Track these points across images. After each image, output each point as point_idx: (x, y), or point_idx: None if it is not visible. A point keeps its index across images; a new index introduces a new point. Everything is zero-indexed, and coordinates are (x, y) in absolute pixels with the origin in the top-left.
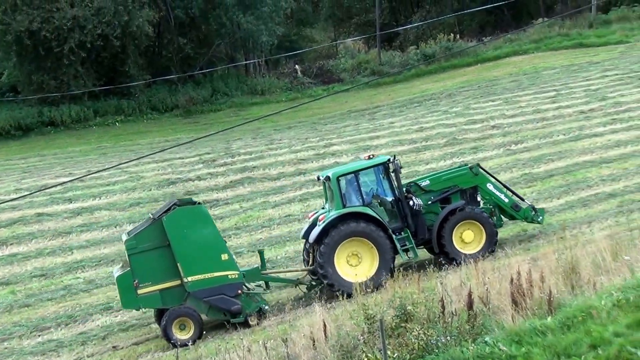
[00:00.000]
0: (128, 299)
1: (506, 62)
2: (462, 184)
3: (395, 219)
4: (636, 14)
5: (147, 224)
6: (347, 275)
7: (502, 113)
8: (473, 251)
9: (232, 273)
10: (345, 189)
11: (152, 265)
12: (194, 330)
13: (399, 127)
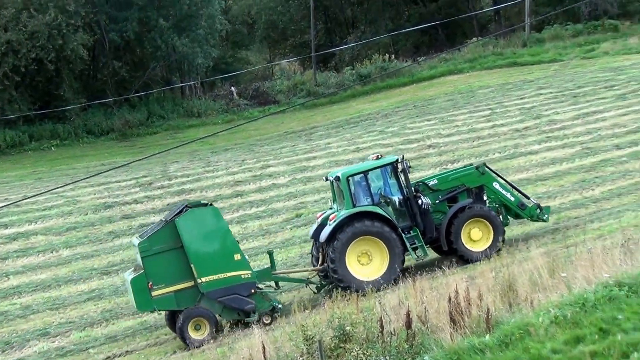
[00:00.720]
0: (142, 301)
1: (441, 82)
2: (469, 183)
3: (403, 218)
4: (569, 32)
5: (159, 227)
6: (359, 273)
7: (438, 132)
8: (481, 249)
9: (245, 273)
10: (354, 188)
11: (166, 267)
12: (209, 330)
13: (336, 148)
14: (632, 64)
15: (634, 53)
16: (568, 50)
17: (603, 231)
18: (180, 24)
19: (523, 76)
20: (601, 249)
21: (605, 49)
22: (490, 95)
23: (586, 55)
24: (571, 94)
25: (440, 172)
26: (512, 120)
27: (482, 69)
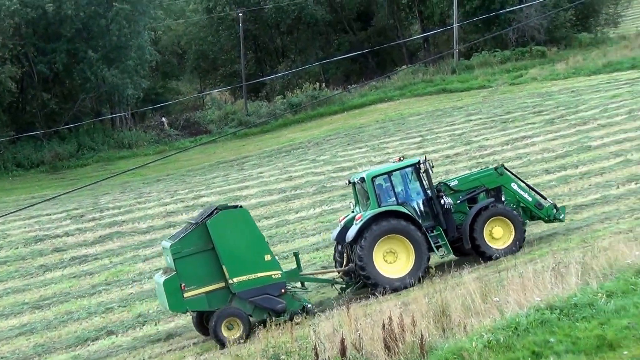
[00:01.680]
0: (175, 302)
1: (372, 109)
2: (488, 183)
3: (426, 218)
4: (497, 59)
5: (190, 229)
6: (385, 271)
7: (370, 160)
8: (502, 247)
9: (276, 273)
10: (379, 189)
11: (197, 268)
12: (243, 329)
13: (268, 177)
14: (560, 89)
15: (561, 79)
16: (497, 76)
17: (534, 255)
18: (109, 55)
19: (453, 103)
20: (532, 272)
21: (533, 75)
22: (420, 122)
23: (514, 81)
24: (500, 120)
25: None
26: (442, 147)
27: (412, 96)
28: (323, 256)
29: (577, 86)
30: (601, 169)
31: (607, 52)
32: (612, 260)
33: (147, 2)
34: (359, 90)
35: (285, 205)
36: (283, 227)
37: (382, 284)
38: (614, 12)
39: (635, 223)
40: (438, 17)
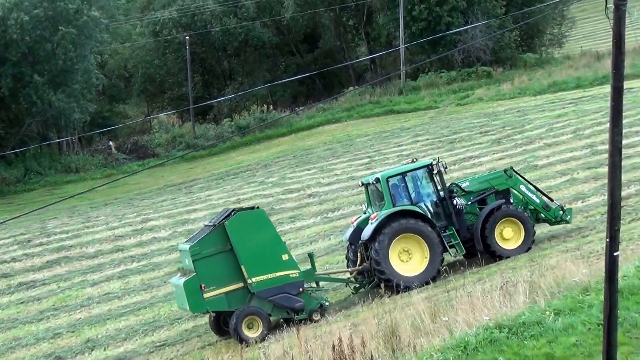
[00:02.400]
0: (196, 302)
1: (320, 131)
2: (498, 185)
3: (439, 218)
4: (443, 80)
5: (207, 231)
6: (401, 270)
7: (318, 181)
8: (512, 247)
9: (293, 272)
10: (394, 189)
11: (216, 269)
12: (263, 328)
13: (217, 200)
14: (506, 109)
15: (507, 99)
16: (443, 97)
17: (482, 274)
18: (55, 80)
19: (400, 123)
20: (481, 292)
21: (479, 95)
22: (368, 143)
23: (461, 101)
24: (447, 140)
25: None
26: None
27: (359, 117)
28: None
29: (523, 106)
30: (547, 187)
31: (552, 72)
32: (560, 278)
33: (93, 26)
34: (307, 112)
35: None
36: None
37: (398, 281)
38: (558, 33)
39: (582, 241)
40: (385, 39)
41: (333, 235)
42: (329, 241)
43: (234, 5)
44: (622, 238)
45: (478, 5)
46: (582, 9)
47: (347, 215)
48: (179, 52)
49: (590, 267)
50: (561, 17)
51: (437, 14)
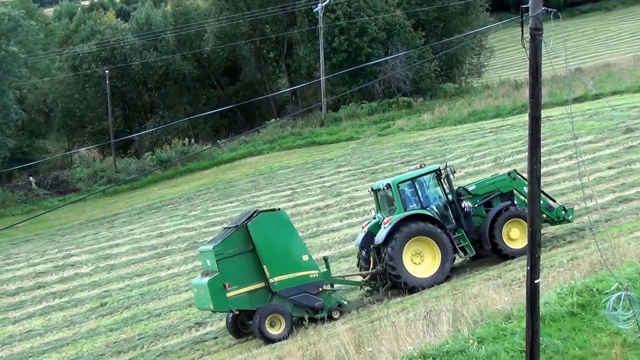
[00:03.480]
0: (219, 301)
1: (242, 164)
2: (503, 188)
3: (448, 221)
4: (364, 111)
5: (230, 232)
6: (414, 272)
7: None
8: (519, 247)
9: (313, 272)
10: (404, 194)
11: (238, 269)
12: (285, 326)
13: (139, 234)
14: (427, 139)
15: (427, 129)
16: (365, 127)
17: (406, 304)
18: None
19: (322, 155)
20: (405, 321)
21: (400, 126)
22: (290, 175)
23: (382, 132)
24: (369, 171)
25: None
26: (313, 199)
27: (281, 149)
28: (196, 312)
29: (444, 135)
30: None
31: (471, 102)
32: (482, 306)
33: (11, 61)
34: (229, 145)
35: (157, 262)
36: (155, 285)
37: (412, 283)
38: (477, 63)
39: (503, 269)
40: (305, 71)
41: None
42: None
43: (154, 38)
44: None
45: (397, 37)
46: (500, 39)
47: None
48: (99, 86)
49: (512, 294)
50: (480, 47)
51: (357, 45)
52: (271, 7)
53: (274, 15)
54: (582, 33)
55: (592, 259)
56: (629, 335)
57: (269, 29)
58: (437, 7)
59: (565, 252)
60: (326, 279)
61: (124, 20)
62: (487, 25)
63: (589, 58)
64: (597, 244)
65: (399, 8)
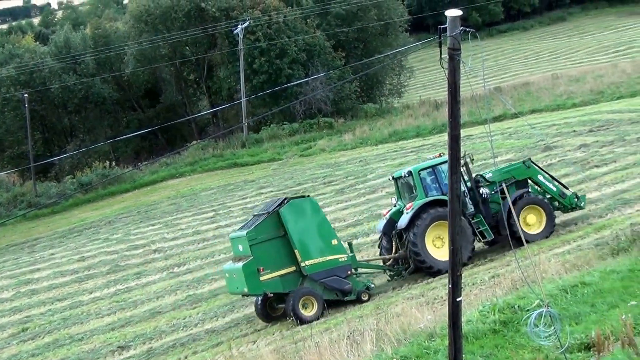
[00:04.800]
0: (253, 284)
1: (164, 186)
2: (518, 175)
3: (466, 207)
4: (286, 132)
5: (262, 218)
6: (437, 255)
7: (163, 237)
8: (535, 232)
9: (342, 256)
10: (425, 181)
11: (271, 253)
12: (317, 307)
13: (60, 258)
14: (348, 159)
15: (349, 149)
16: (286, 148)
17: (329, 324)
18: None
19: (244, 176)
20: (328, 342)
21: (321, 146)
22: (212, 197)
23: (304, 152)
24: (291, 192)
25: None
26: (235, 221)
27: (203, 171)
28: (119, 335)
29: (365, 155)
30: None
31: (392, 122)
32: (406, 325)
33: None
34: (150, 168)
35: (79, 286)
36: (77, 309)
37: (435, 266)
38: (397, 83)
39: (426, 287)
40: (226, 92)
41: (180, 290)
42: (176, 296)
43: (73, 61)
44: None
45: (318, 57)
46: (420, 59)
47: (193, 269)
48: (18, 110)
49: (435, 313)
50: (399, 67)
51: (278, 66)
52: (191, 29)
53: (194, 37)
54: (501, 52)
55: (513, 276)
56: (551, 352)
57: (189, 51)
58: (357, 27)
59: (487, 269)
60: (353, 262)
61: (42, 43)
62: (406, 45)
63: (509, 77)
64: (517, 261)
65: (319, 29)
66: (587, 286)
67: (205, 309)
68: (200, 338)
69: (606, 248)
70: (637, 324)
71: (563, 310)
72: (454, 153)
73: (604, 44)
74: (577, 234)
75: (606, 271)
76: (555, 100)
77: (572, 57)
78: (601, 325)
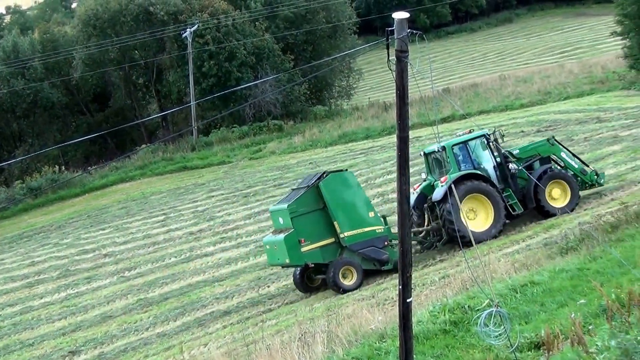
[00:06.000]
0: (295, 255)
1: (114, 190)
2: (543, 152)
3: (497, 181)
4: (235, 135)
5: (302, 192)
6: (471, 227)
7: (114, 241)
8: (560, 205)
9: (379, 227)
10: (458, 155)
11: (311, 225)
12: (357, 277)
13: (10, 264)
14: (298, 162)
15: (299, 151)
16: (236, 151)
17: (281, 326)
18: None
19: (194, 180)
20: (280, 344)
21: (271, 149)
22: (163, 201)
23: (254, 155)
24: (242, 194)
25: None
26: (186, 224)
27: (153, 175)
28: (70, 340)
29: (315, 158)
30: None
31: (342, 124)
32: (357, 326)
33: None
34: (100, 172)
35: (29, 292)
36: (27, 314)
37: (468, 236)
38: (346, 85)
39: (377, 289)
40: (175, 96)
41: (131, 294)
42: (126, 300)
43: (22, 66)
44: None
45: (267, 60)
46: (368, 61)
47: (144, 273)
48: None
49: (385, 314)
50: (348, 70)
51: (227, 69)
52: (140, 33)
53: (143, 41)
54: (449, 54)
55: (463, 276)
56: (501, 351)
57: (138, 55)
58: (306, 30)
59: (437, 270)
60: (389, 235)
61: None
62: (355, 47)
63: (457, 78)
64: (467, 261)
65: (268, 32)
66: (537, 285)
67: (156, 313)
68: (152, 342)
69: (555, 247)
70: (586, 322)
71: (513, 310)
72: (403, 155)
73: (551, 44)
74: (526, 233)
75: (555, 270)
76: (503, 101)
77: (519, 58)
78: (550, 324)
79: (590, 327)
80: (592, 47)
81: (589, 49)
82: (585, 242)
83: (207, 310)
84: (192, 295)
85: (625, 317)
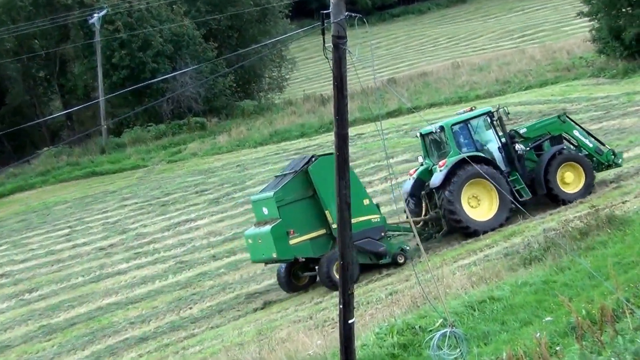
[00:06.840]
0: (283, 248)
1: (11, 200)
2: (553, 131)
3: (502, 164)
4: (151, 134)
5: (289, 178)
6: (474, 216)
7: (11, 259)
8: (573, 191)
9: (375, 217)
10: (458, 136)
11: (300, 215)
12: None
13: None
14: (223, 164)
15: (224, 152)
16: (152, 154)
17: (205, 354)
18: None
19: (104, 187)
20: None
21: (193, 150)
22: (68, 212)
23: (173, 158)
24: (159, 203)
25: None
26: (95, 238)
27: (57, 182)
28: None
29: (243, 160)
30: None
31: (273, 120)
32: (293, 352)
33: None
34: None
35: None
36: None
37: (472, 227)
38: (277, 76)
39: (315, 308)
40: (82, 91)
41: (32, 320)
42: (27, 327)
43: None
44: (358, 302)
45: (186, 49)
46: (302, 49)
47: (47, 295)
48: None
49: (325, 337)
50: (280, 59)
51: (141, 60)
52: (40, 19)
53: (44, 29)
54: (395, 39)
55: (413, 292)
56: None
57: (38, 45)
58: (230, 14)
59: (383, 286)
60: (385, 225)
61: None
62: (287, 33)
63: (404, 66)
64: (417, 275)
65: (187, 17)
66: (497, 301)
67: (62, 341)
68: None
69: (517, 258)
70: (553, 342)
71: (470, 330)
72: (342, 155)
73: (509, 27)
74: (485, 242)
75: (517, 284)
76: (456, 91)
77: (474, 43)
78: (513, 345)
79: (557, 347)
80: (556, 29)
81: (553, 31)
82: (551, 251)
83: (120, 337)
84: (102, 319)
85: (597, 336)
